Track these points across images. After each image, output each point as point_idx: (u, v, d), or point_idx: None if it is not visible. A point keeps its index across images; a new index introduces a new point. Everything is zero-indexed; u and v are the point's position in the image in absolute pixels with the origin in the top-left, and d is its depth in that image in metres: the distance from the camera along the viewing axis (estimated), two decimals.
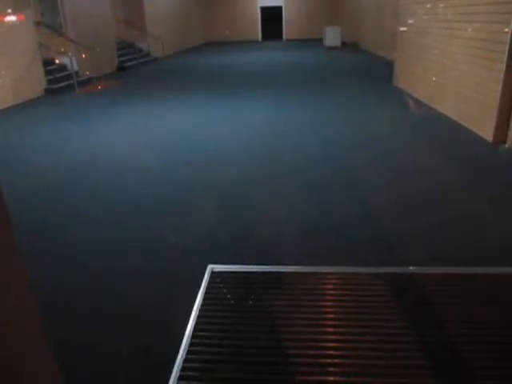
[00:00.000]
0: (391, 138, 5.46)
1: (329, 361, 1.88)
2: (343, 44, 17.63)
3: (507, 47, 4.64)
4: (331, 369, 1.84)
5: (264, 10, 22.77)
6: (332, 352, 1.93)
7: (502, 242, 2.88)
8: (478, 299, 2.25)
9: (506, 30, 4.65)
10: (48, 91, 9.30)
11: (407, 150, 4.97)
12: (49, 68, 9.68)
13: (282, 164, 4.57)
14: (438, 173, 4.20)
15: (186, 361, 1.91)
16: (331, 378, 1.79)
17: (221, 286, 2.44)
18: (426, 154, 4.79)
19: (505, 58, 4.69)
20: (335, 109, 7.11)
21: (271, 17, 22.81)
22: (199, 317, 2.18)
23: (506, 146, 4.82)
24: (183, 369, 1.87)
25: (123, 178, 4.31)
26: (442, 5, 6.53)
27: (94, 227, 3.30)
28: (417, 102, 7.36)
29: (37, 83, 9.14)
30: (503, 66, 4.72)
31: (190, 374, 1.84)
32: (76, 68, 10.10)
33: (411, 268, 2.55)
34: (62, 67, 10.24)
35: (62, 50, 9.95)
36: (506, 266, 2.55)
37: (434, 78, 6.86)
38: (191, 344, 2.00)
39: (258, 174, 4.33)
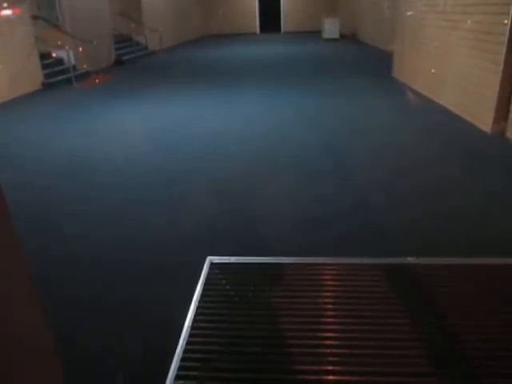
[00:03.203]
0: (389, 129, 5.45)
1: (327, 350, 1.89)
2: (342, 36, 17.55)
3: (506, 39, 4.63)
4: (330, 358, 1.85)
5: (262, 2, 22.62)
6: (331, 342, 1.94)
7: None
8: (477, 290, 2.26)
9: (506, 21, 4.63)
10: (45, 85, 9.25)
11: (405, 140, 4.97)
12: (46, 62, 9.62)
13: (284, 151, 4.59)
14: (435, 163, 4.20)
15: (185, 351, 1.92)
16: (330, 368, 1.81)
17: (220, 277, 2.45)
18: (424, 144, 4.78)
19: (504, 50, 4.68)
20: (334, 102, 7.09)
21: (269, 9, 22.67)
22: (198, 308, 2.19)
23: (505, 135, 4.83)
24: (183, 359, 1.88)
25: (121, 173, 4.31)
26: None
27: (94, 222, 3.31)
28: (416, 93, 7.34)
29: (34, 77, 9.09)
30: (502, 58, 4.71)
31: (190, 364, 1.85)
32: (73, 62, 10.04)
33: (409, 259, 2.56)
34: (59, 61, 10.18)
35: (59, 43, 9.89)
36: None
37: (433, 70, 6.84)
38: (191, 335, 2.01)
39: (259, 163, 4.33)
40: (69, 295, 2.42)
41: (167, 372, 1.81)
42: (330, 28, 17.35)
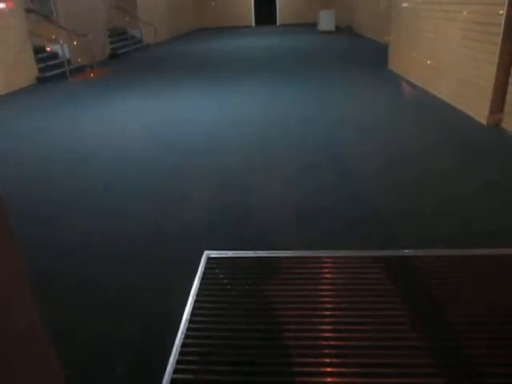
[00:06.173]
0: (385, 121, 5.44)
1: (325, 343, 1.90)
2: (338, 28, 17.48)
3: (502, 29, 4.62)
4: (327, 351, 1.86)
5: None
6: (328, 334, 1.95)
7: None
8: (476, 281, 2.27)
9: (501, 12, 4.62)
10: (40, 80, 9.19)
11: (401, 131, 4.96)
12: (40, 56, 9.55)
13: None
14: (431, 155, 4.20)
15: (183, 345, 1.92)
16: (327, 360, 1.82)
17: (217, 271, 2.45)
18: (419, 135, 4.78)
19: (499, 41, 4.67)
20: (329, 94, 7.07)
21: (265, 1, 22.53)
22: (196, 302, 2.19)
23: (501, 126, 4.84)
24: (181, 353, 1.88)
25: (118, 169, 4.29)
26: None
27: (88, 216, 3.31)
28: (411, 85, 7.33)
29: (28, 72, 9.02)
30: (498, 49, 4.70)
31: (188, 358, 1.86)
32: (68, 56, 9.98)
33: (406, 251, 2.57)
34: (54, 55, 10.11)
35: (53, 37, 9.80)
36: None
37: (428, 62, 6.83)
38: (188, 329, 2.02)
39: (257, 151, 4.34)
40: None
41: (165, 365, 1.82)
42: (326, 20, 17.28)
